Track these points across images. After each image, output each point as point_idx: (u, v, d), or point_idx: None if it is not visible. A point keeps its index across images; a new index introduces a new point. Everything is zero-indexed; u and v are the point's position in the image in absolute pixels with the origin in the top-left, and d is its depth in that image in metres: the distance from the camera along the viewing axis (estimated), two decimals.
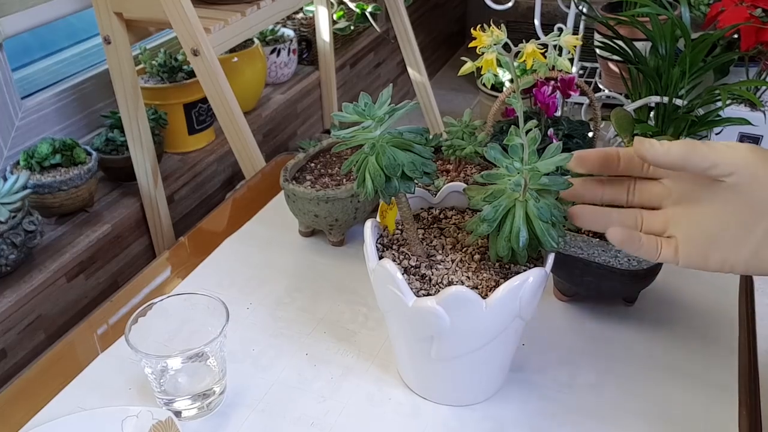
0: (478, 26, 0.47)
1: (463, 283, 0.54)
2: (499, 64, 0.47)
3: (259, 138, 1.83)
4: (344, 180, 0.79)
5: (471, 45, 0.47)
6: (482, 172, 0.53)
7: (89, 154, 1.36)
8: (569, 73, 0.49)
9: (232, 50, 1.69)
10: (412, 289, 0.53)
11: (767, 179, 0.46)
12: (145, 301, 0.62)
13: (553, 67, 0.47)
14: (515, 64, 0.46)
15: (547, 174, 0.51)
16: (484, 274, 0.55)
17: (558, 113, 0.78)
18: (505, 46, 0.46)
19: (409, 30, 1.93)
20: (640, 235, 0.51)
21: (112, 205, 1.45)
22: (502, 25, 0.47)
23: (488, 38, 0.46)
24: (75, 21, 1.60)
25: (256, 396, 0.62)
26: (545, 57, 0.47)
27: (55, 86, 1.49)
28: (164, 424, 0.57)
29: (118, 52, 1.30)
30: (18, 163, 1.32)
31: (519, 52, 0.46)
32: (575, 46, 0.47)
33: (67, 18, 1.44)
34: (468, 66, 0.48)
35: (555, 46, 0.47)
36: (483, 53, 0.46)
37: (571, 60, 1.86)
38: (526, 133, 0.50)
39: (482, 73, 0.47)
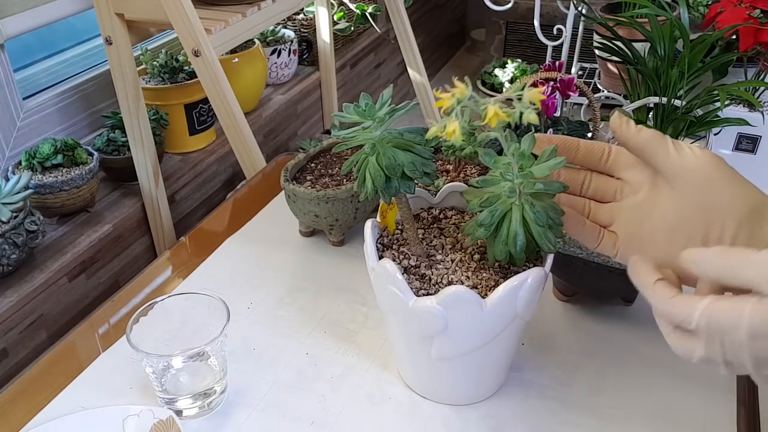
0: (441, 89, 0.45)
1: (462, 283, 0.55)
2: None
3: (260, 138, 1.83)
4: (344, 180, 0.79)
5: (435, 106, 0.45)
6: (477, 178, 0.53)
7: (90, 154, 1.37)
8: (533, 123, 0.47)
9: (233, 51, 1.69)
10: (412, 288, 0.53)
11: (717, 189, 0.47)
12: (146, 301, 0.62)
13: (520, 119, 0.45)
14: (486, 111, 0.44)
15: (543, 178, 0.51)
16: (484, 274, 0.56)
17: (557, 114, 0.79)
18: (472, 99, 0.44)
19: (409, 30, 1.93)
20: (585, 219, 0.53)
21: (114, 205, 1.45)
22: (466, 78, 0.45)
23: (451, 99, 0.44)
24: (76, 22, 1.60)
25: (256, 395, 0.62)
26: (512, 108, 0.45)
27: (57, 87, 1.49)
28: (165, 423, 0.57)
29: (120, 53, 1.31)
30: (20, 163, 1.32)
31: (485, 107, 0.44)
32: (540, 100, 0.45)
33: (69, 19, 1.45)
34: (434, 130, 0.46)
35: (519, 99, 0.45)
36: (447, 115, 0.44)
37: (571, 60, 1.86)
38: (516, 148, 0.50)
39: (448, 139, 0.45)
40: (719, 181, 0.47)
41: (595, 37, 1.62)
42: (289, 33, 1.97)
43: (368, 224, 0.58)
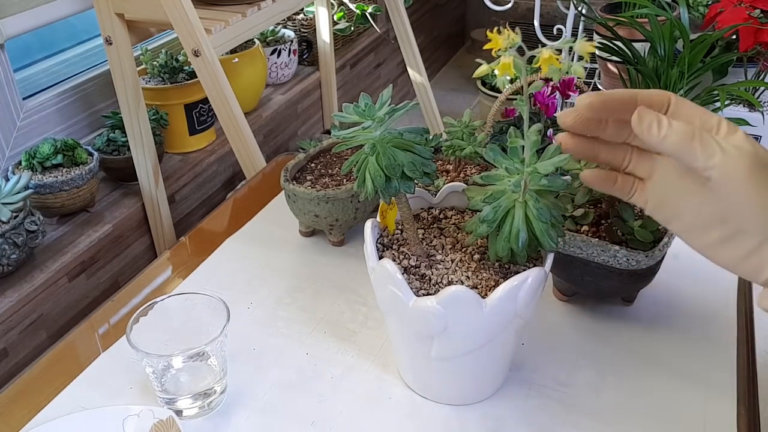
0: (495, 28, 0.46)
1: (462, 283, 0.55)
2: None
3: (260, 138, 1.83)
4: (344, 180, 0.79)
5: (486, 47, 0.46)
6: (481, 174, 0.53)
7: (90, 154, 1.37)
8: (580, 77, 0.48)
9: (233, 51, 1.69)
10: (411, 288, 0.53)
11: (745, 201, 0.44)
12: (146, 301, 0.62)
13: (567, 73, 0.46)
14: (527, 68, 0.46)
15: (547, 175, 0.51)
16: (484, 274, 0.56)
17: (557, 114, 0.79)
18: (519, 49, 0.46)
19: (409, 31, 1.93)
20: (617, 175, 0.50)
21: (114, 205, 1.45)
22: (517, 28, 0.46)
23: (504, 41, 0.45)
24: (76, 22, 1.60)
25: (256, 395, 0.62)
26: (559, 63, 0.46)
27: (57, 87, 1.49)
28: (165, 423, 0.57)
29: (120, 53, 1.31)
30: (20, 163, 1.32)
31: (533, 56, 0.46)
32: (590, 53, 0.45)
33: (69, 19, 1.45)
34: (484, 68, 0.47)
35: (570, 51, 0.46)
36: (498, 56, 0.45)
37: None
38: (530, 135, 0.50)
39: (498, 76, 0.46)
40: (749, 192, 0.43)
41: (595, 37, 1.63)
42: (289, 33, 1.97)
43: (368, 224, 0.58)
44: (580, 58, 0.45)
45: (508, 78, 0.47)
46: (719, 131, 0.45)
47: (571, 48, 0.45)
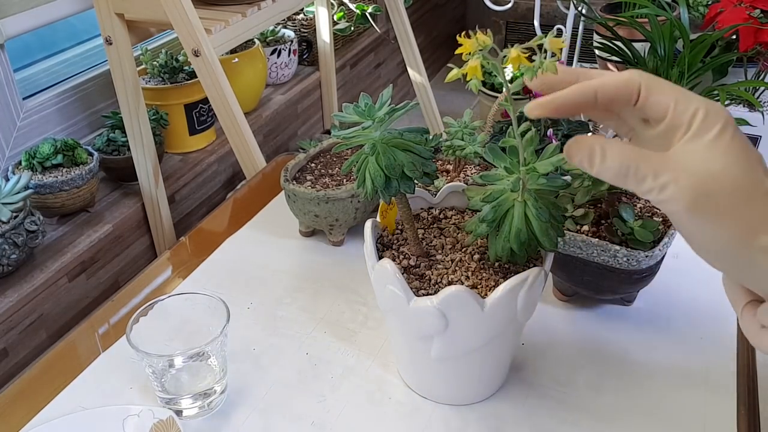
0: (463, 33, 0.46)
1: (462, 283, 0.55)
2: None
3: (260, 138, 1.83)
4: (344, 180, 0.79)
5: (457, 52, 0.46)
6: (480, 173, 0.53)
7: (90, 154, 1.37)
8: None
9: (233, 51, 1.69)
10: (411, 288, 0.53)
11: (690, 228, 0.40)
12: (146, 301, 0.62)
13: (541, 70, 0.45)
14: (507, 68, 0.46)
15: (546, 174, 0.51)
16: (484, 274, 0.56)
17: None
18: (493, 51, 0.46)
19: (409, 31, 1.93)
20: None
21: (114, 205, 1.45)
22: (488, 31, 0.46)
23: (474, 45, 0.45)
24: (76, 22, 1.60)
25: (256, 395, 0.62)
26: (532, 61, 0.45)
27: (57, 87, 1.49)
28: (165, 423, 0.57)
29: (120, 53, 1.31)
30: (20, 163, 1.32)
31: (505, 56, 0.46)
32: (561, 49, 0.45)
33: (69, 19, 1.45)
34: (454, 73, 0.47)
35: (541, 49, 0.46)
36: (468, 60, 0.46)
37: (571, 61, 1.86)
38: (522, 135, 0.50)
39: (468, 79, 0.46)
40: (694, 233, 0.40)
41: (595, 37, 1.62)
42: (289, 33, 1.97)
43: (368, 224, 0.58)
44: (552, 54, 0.45)
45: (509, 78, 0.47)
46: (690, 127, 0.39)
47: (541, 45, 0.44)
